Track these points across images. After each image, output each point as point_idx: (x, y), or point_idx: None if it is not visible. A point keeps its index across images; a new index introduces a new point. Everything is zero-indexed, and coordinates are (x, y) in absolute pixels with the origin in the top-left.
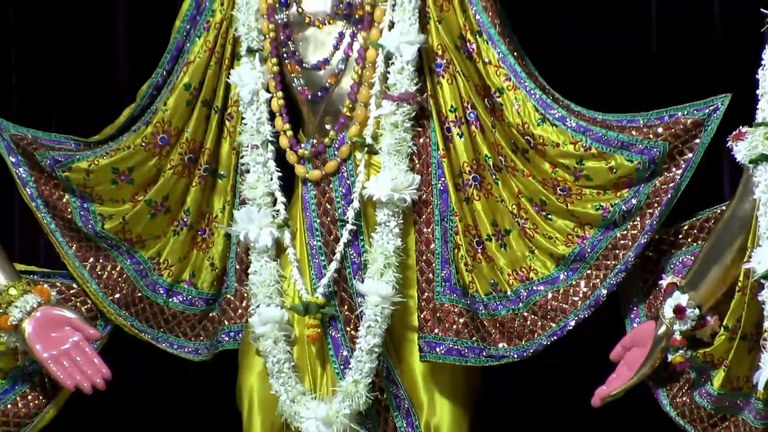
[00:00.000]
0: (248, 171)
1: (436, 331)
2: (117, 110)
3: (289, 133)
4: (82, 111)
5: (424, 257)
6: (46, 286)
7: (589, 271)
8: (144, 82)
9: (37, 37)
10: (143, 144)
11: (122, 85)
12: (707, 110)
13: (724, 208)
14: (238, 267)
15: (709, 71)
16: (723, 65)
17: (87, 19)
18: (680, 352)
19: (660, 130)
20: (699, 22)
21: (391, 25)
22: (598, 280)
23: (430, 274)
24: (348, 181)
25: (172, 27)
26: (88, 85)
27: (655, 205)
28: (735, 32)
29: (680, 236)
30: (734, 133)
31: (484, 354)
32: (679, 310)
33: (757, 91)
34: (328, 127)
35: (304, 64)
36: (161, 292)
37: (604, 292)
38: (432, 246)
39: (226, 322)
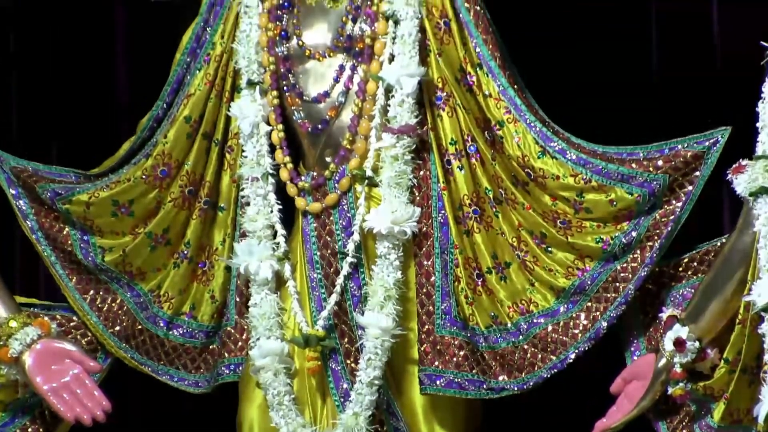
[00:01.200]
0: (248, 204)
1: (437, 363)
2: (116, 125)
3: (290, 165)
4: (82, 120)
5: (424, 290)
6: (46, 318)
7: (589, 304)
8: (143, 97)
9: (37, 57)
10: (143, 176)
11: (122, 102)
12: (707, 143)
13: (724, 240)
14: (238, 300)
15: (709, 104)
16: (723, 98)
17: (87, 34)
18: (680, 384)
19: (660, 162)
20: (699, 54)
21: (392, 58)
22: (598, 313)
23: (431, 307)
24: (348, 214)
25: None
26: (89, 104)
27: (655, 237)
28: (735, 65)
29: (680, 269)
30: (734, 166)
31: (485, 387)
32: (679, 343)
33: (758, 124)
34: (328, 159)
35: (304, 97)
36: (161, 324)
37: (605, 324)
38: (432, 279)
39: (227, 355)
